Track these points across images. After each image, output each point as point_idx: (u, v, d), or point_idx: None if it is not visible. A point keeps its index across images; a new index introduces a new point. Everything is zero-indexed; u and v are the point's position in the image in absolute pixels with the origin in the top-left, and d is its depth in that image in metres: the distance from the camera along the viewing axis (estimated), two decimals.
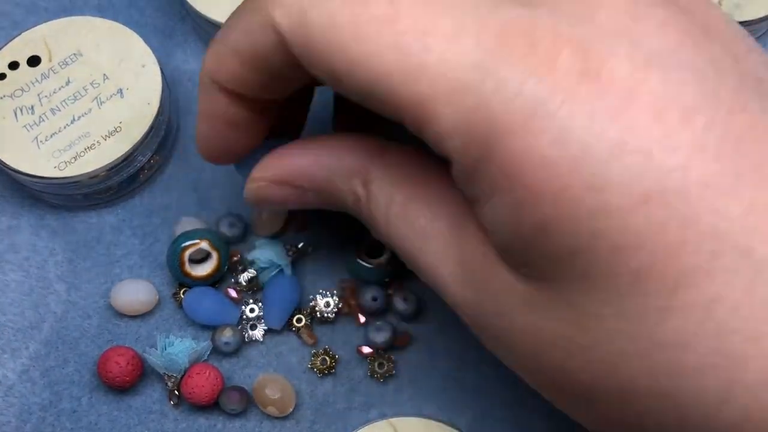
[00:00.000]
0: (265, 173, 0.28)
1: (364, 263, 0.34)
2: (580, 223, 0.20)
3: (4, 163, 0.34)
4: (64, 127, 0.34)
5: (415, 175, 0.26)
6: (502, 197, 0.21)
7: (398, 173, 0.26)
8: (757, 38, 0.39)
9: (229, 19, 0.25)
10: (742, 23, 0.36)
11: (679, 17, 0.22)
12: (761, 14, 0.36)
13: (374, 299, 0.34)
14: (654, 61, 0.21)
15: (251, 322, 0.34)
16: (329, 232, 0.36)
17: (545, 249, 0.21)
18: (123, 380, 0.33)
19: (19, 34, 0.36)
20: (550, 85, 0.20)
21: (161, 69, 0.35)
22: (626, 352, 0.21)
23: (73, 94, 0.35)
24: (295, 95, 0.28)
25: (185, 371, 0.33)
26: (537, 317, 0.23)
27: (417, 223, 0.25)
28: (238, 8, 0.25)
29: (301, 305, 0.34)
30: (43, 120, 0.34)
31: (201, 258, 0.34)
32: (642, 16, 0.22)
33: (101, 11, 0.39)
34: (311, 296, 0.34)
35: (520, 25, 0.21)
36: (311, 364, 0.34)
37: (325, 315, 0.34)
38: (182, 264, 0.33)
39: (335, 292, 0.34)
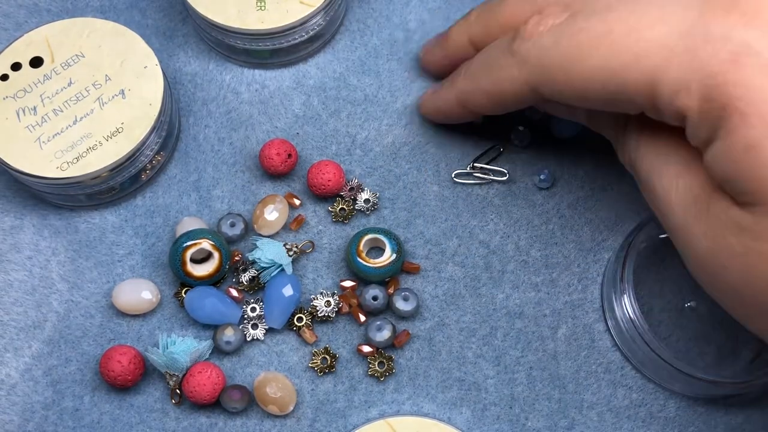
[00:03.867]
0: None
1: (364, 263, 0.34)
2: None
3: (7, 163, 0.34)
4: (67, 128, 0.34)
5: (657, 126, 0.29)
6: (722, 131, 0.25)
7: (648, 126, 0.30)
8: None
9: (480, 64, 0.33)
10: None
11: None
12: None
13: (375, 298, 0.34)
14: None
15: (252, 322, 0.34)
16: (330, 231, 0.36)
17: (759, 174, 0.24)
18: (125, 379, 0.33)
19: (22, 36, 0.36)
20: (754, 29, 0.24)
21: (163, 70, 0.35)
22: None
23: (75, 95, 0.35)
24: None
25: (186, 370, 0.33)
26: (749, 239, 0.25)
27: (658, 159, 0.29)
28: (488, 59, 0.33)
29: (302, 305, 0.35)
30: (46, 121, 0.34)
31: (202, 258, 0.34)
32: None
33: (103, 13, 0.39)
34: (312, 296, 0.34)
35: None
36: (312, 363, 0.34)
37: (326, 314, 0.34)
38: (184, 264, 0.34)
39: (335, 291, 0.34)
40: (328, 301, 0.34)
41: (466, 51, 0.35)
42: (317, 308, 0.34)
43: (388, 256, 0.34)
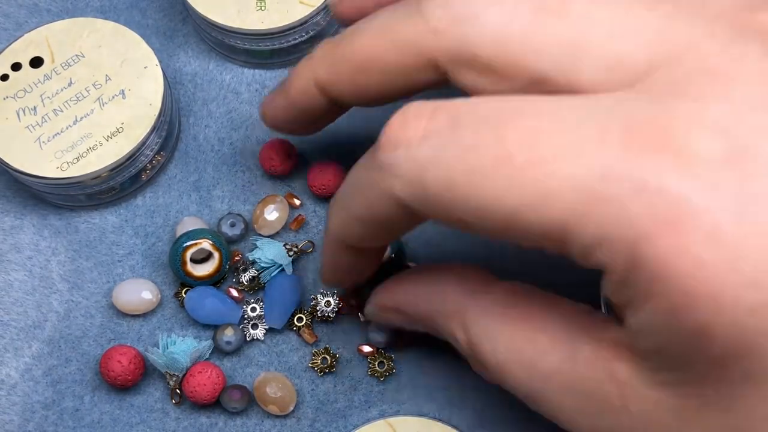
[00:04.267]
0: (378, 300, 0.30)
1: None
2: (742, 324, 0.19)
3: (7, 163, 0.34)
4: (67, 128, 0.34)
5: (519, 313, 0.25)
6: (656, 302, 0.20)
7: (500, 313, 0.25)
8: None
9: (349, 187, 0.26)
10: None
11: None
12: None
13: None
14: None
15: (252, 322, 0.34)
16: None
17: (705, 352, 0.20)
18: (125, 379, 0.33)
19: (22, 36, 0.36)
20: (692, 178, 0.19)
21: (163, 70, 0.36)
22: None
23: (76, 95, 0.35)
24: None
25: (187, 370, 0.33)
26: (695, 429, 0.21)
27: (528, 364, 0.24)
28: (355, 179, 0.26)
29: (302, 304, 0.35)
30: (46, 121, 0.34)
31: (202, 258, 0.34)
32: None
33: (103, 12, 0.39)
34: (312, 295, 0.34)
35: (645, 118, 0.20)
36: (312, 363, 0.34)
37: (326, 314, 0.34)
38: (184, 264, 0.34)
39: (336, 291, 0.35)
40: (328, 301, 0.34)
41: (312, 97, 0.29)
42: (317, 308, 0.34)
43: (387, 256, 0.34)
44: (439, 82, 0.26)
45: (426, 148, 0.22)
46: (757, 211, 0.19)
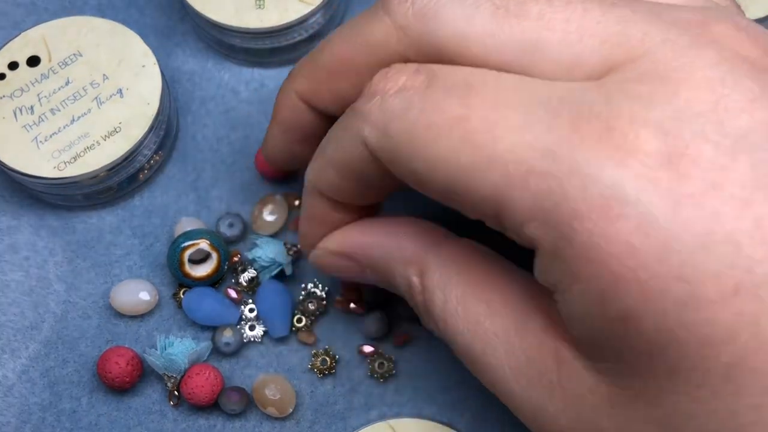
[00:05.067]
0: (327, 244, 0.29)
1: None
2: (668, 315, 0.20)
3: (4, 163, 0.34)
4: (64, 128, 0.34)
5: (475, 270, 0.26)
6: (584, 285, 0.21)
7: (456, 267, 0.26)
8: None
9: (328, 134, 0.27)
10: None
11: None
12: (764, 14, 0.36)
13: (374, 291, 0.34)
14: (741, 144, 0.20)
15: (250, 323, 0.34)
16: None
17: (631, 341, 0.20)
18: (123, 381, 0.33)
19: (19, 34, 0.36)
20: (629, 169, 0.20)
21: (161, 69, 0.35)
22: None
23: (73, 94, 0.35)
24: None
25: (185, 372, 0.33)
26: (623, 419, 0.21)
27: (475, 321, 0.25)
28: (335, 126, 0.27)
29: (297, 304, 0.34)
30: (43, 120, 0.34)
31: (201, 258, 0.34)
32: (729, 93, 0.21)
33: (101, 11, 0.39)
34: (301, 296, 0.34)
35: (594, 110, 0.21)
36: (311, 365, 0.34)
37: (318, 308, 0.34)
38: (182, 264, 0.33)
39: (318, 281, 0.34)
40: (314, 292, 0.34)
41: (300, 112, 0.30)
42: (308, 303, 0.34)
43: None
44: None
45: (398, 100, 0.24)
46: (690, 209, 0.20)
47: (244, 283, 0.34)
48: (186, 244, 0.33)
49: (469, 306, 0.25)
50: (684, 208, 0.20)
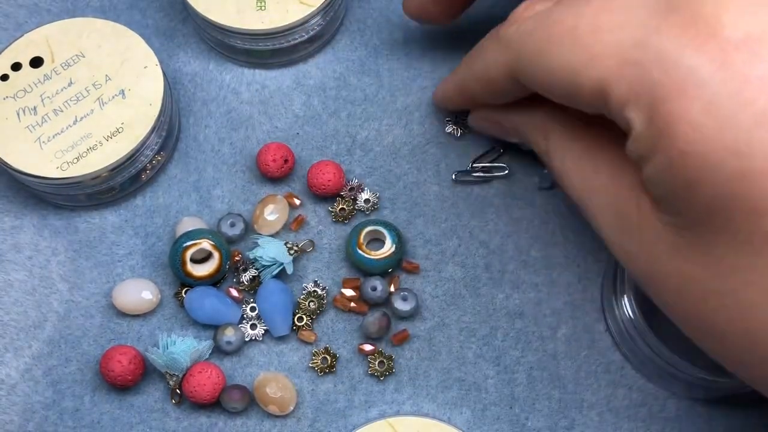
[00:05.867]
0: (485, 114, 0.35)
1: (365, 254, 0.34)
2: (721, 185, 0.23)
3: (7, 163, 0.34)
4: (67, 128, 0.34)
5: (585, 137, 0.30)
6: (660, 156, 0.24)
7: (572, 134, 0.31)
8: None
9: (475, 49, 0.33)
10: None
11: None
12: None
13: (374, 289, 0.34)
14: None
15: (252, 322, 0.34)
16: (330, 231, 0.36)
17: (692, 202, 0.24)
18: (125, 379, 0.33)
19: (22, 36, 0.36)
20: (705, 54, 0.23)
21: (163, 70, 0.36)
22: (756, 302, 0.24)
23: (76, 95, 0.35)
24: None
25: (187, 370, 0.33)
26: (681, 261, 0.25)
27: (585, 175, 0.30)
28: (481, 43, 0.32)
29: (298, 303, 0.35)
30: (46, 121, 0.34)
31: (202, 258, 0.34)
32: None
33: (103, 13, 0.39)
34: (301, 295, 0.34)
35: (684, 1, 0.24)
36: (312, 363, 0.34)
37: (318, 306, 0.34)
38: (184, 264, 0.34)
39: (318, 281, 0.35)
40: (314, 291, 0.34)
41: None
42: (308, 302, 0.34)
43: (388, 248, 0.34)
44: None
45: (530, 23, 0.28)
46: (755, 89, 0.22)
47: (246, 283, 0.35)
48: (188, 243, 0.34)
49: (580, 165, 0.30)
50: (749, 88, 0.22)
